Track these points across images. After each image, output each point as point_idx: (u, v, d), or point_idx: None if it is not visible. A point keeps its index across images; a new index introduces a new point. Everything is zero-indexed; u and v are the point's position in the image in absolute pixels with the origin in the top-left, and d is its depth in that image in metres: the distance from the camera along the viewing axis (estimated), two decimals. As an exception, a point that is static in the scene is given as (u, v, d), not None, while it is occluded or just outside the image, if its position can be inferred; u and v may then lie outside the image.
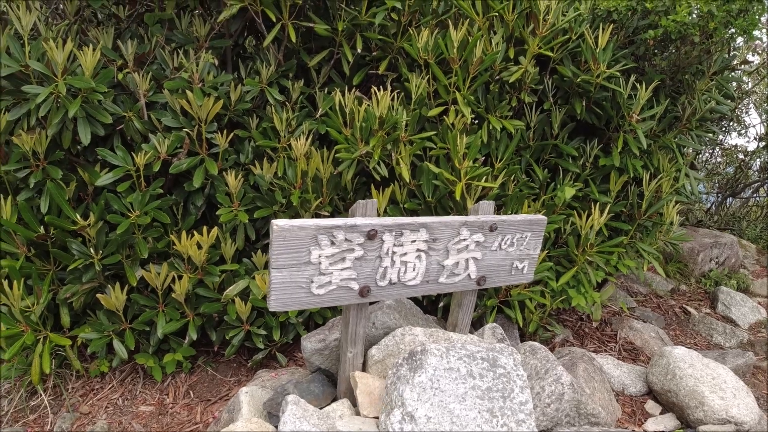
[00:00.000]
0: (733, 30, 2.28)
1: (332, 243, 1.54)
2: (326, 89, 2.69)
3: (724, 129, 5.51)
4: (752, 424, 2.27)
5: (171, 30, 2.73)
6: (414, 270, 1.72)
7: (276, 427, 1.63)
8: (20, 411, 2.43)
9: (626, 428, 2.13)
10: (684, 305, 3.61)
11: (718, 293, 3.72)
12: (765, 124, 5.95)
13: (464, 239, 1.77)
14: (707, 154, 6.49)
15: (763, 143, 5.72)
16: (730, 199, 6.44)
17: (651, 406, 2.45)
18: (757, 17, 2.28)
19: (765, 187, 6.23)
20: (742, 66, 2.92)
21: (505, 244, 1.88)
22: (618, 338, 2.92)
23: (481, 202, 1.84)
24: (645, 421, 2.37)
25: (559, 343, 2.79)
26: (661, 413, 2.41)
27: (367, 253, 1.60)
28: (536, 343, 1.95)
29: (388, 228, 1.61)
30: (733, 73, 3.04)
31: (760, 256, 5.08)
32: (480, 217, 1.79)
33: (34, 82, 2.31)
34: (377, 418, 1.62)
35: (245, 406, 1.80)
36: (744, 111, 6.08)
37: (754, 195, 6.33)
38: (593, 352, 2.79)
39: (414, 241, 1.67)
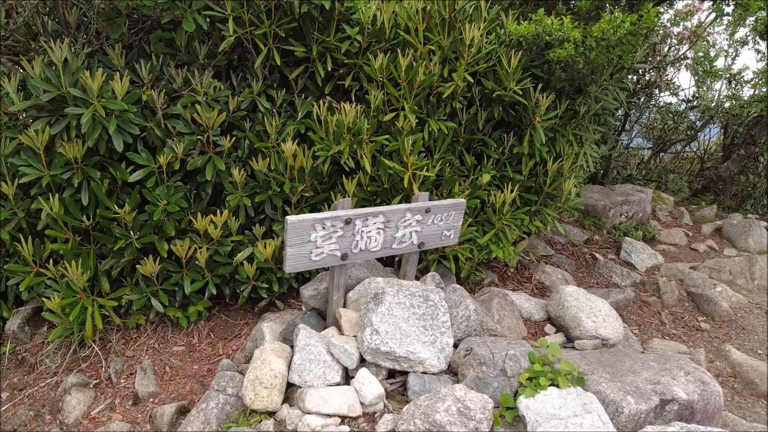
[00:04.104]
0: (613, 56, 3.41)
1: (323, 228, 2.69)
2: (303, 95, 3.74)
3: (651, 94, 6.76)
4: (615, 340, 3.56)
5: (171, 47, 3.70)
6: (376, 241, 2.89)
7: (292, 347, 2.81)
8: (73, 362, 3.52)
9: (519, 340, 3.40)
10: (594, 252, 4.94)
11: (622, 242, 5.06)
12: (693, 87, 7.25)
13: (408, 219, 2.95)
14: (647, 114, 7.80)
15: (689, 105, 7.03)
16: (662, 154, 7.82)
17: (548, 328, 3.74)
18: (632, 46, 3.41)
19: (690, 144, 7.60)
20: (638, 65, 4.10)
21: (437, 220, 3.07)
22: (533, 280, 4.21)
23: (420, 193, 3.00)
24: (542, 337, 3.66)
25: (486, 284, 4.06)
26: (555, 333, 3.71)
27: (345, 233, 2.76)
28: (457, 285, 3.16)
29: (359, 216, 2.77)
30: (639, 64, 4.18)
31: (676, 208, 6.48)
32: (419, 204, 2.96)
33: (71, 104, 3.28)
34: (356, 336, 2.82)
35: (268, 335, 2.98)
36: (677, 74, 7.35)
37: (682, 150, 7.70)
38: (512, 290, 4.06)
39: (375, 223, 2.83)
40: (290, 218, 2.60)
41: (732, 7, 3.23)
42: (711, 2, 3.64)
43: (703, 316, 4.60)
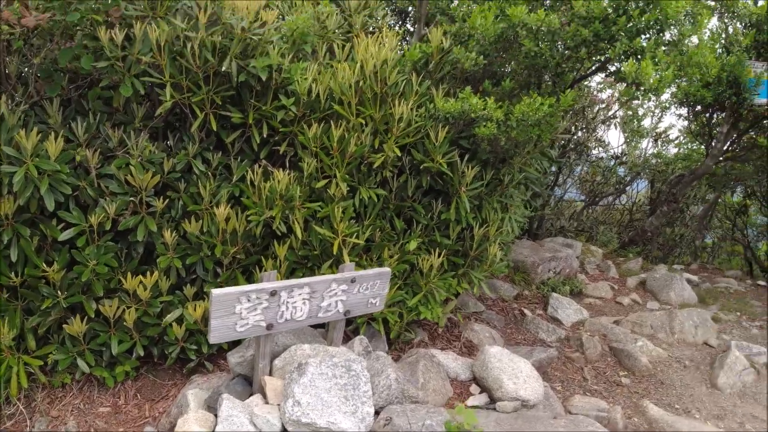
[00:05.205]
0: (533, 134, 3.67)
1: (248, 300, 2.78)
2: (239, 158, 3.85)
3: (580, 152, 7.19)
4: (536, 401, 3.74)
5: (109, 105, 3.76)
6: (301, 311, 3.00)
7: (215, 415, 2.87)
8: (-3, 420, 3.46)
9: (438, 407, 3.55)
10: (522, 308, 5.18)
11: (549, 298, 5.32)
12: (623, 144, 7.74)
13: (334, 289, 3.07)
14: (579, 167, 8.26)
15: (618, 161, 7.50)
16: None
17: (474, 388, 3.90)
18: (551, 125, 3.68)
19: (620, 197, 8.07)
20: (561, 136, 4.40)
21: (363, 289, 3.21)
22: (461, 338, 4.38)
23: (345, 264, 3.14)
24: (467, 398, 3.82)
25: (416, 343, 4.21)
26: (479, 393, 3.87)
27: (270, 304, 2.86)
28: (381, 353, 3.29)
29: (284, 288, 2.88)
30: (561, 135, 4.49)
31: (603, 261, 6.84)
32: (345, 274, 3.10)
33: (5, 162, 3.30)
34: (279, 405, 2.90)
35: (192, 402, 3.02)
36: (607, 131, 7.84)
37: (612, 203, 8.16)
38: (441, 349, 4.21)
39: (300, 294, 2.95)
40: (215, 292, 2.68)
41: (642, 91, 3.55)
42: (622, 85, 3.98)
43: (624, 371, 4.86)
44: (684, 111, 7.07)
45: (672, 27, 3.50)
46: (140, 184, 3.53)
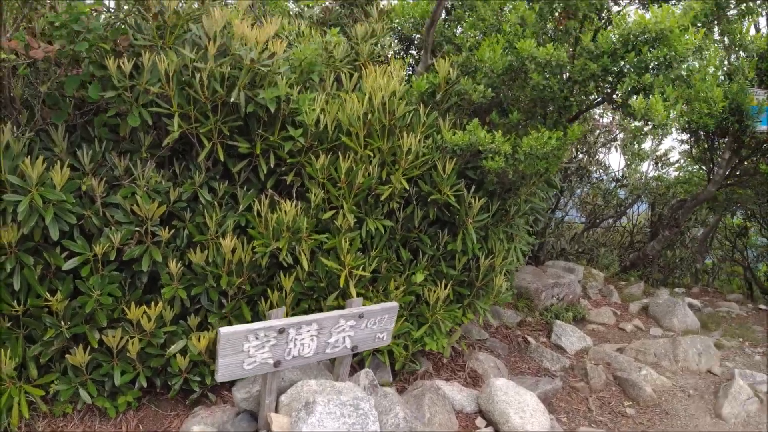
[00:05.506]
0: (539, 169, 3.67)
1: (256, 338, 2.75)
2: (246, 187, 3.84)
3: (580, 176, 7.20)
4: (542, 436, 3.72)
5: (115, 132, 3.75)
6: (309, 348, 2.97)
7: (219, 452, 2.83)
8: (-1, 449, 3.42)
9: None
10: (526, 335, 5.15)
11: (553, 325, 5.30)
12: (623, 166, 7.77)
13: (342, 325, 3.05)
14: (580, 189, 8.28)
15: (619, 183, 7.52)
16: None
17: (480, 421, 3.87)
18: (558, 158, 3.68)
19: (620, 219, 8.08)
20: (568, 163, 4.40)
21: (371, 324, 3.18)
22: (466, 368, 4.35)
23: (353, 299, 3.12)
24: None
25: (421, 374, 4.17)
26: (485, 427, 3.84)
27: (278, 341, 2.83)
28: (388, 390, 3.27)
29: (292, 325, 2.85)
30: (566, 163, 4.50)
31: (605, 285, 6.83)
32: (352, 310, 3.08)
33: (9, 191, 3.27)
34: (284, 443, 2.87)
35: (197, 439, 2.98)
36: (607, 154, 7.86)
37: (612, 226, 8.17)
38: (446, 380, 4.18)
39: (308, 330, 2.92)
40: (223, 330, 2.66)
41: (650, 125, 3.56)
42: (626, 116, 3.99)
43: (629, 401, 4.83)
44: (685, 136, 7.09)
45: (681, 62, 3.51)
46: (146, 214, 3.50)
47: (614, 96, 3.96)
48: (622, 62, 3.56)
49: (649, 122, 3.44)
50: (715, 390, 5.07)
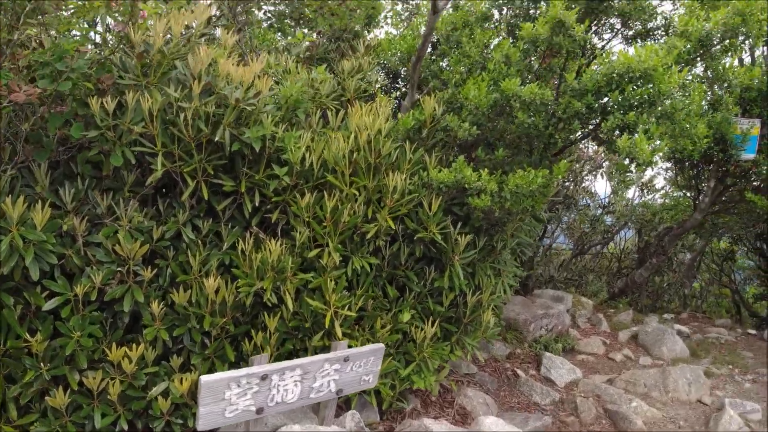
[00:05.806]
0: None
1: (238, 386, 2.70)
2: (230, 224, 3.80)
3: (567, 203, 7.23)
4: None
5: (98, 169, 3.70)
6: (293, 393, 2.92)
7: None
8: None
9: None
10: (516, 368, 5.11)
11: (542, 357, 5.26)
12: (609, 193, 7.81)
13: (327, 369, 3.00)
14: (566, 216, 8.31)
15: (605, 210, 7.55)
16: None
17: (468, 460, 3.82)
18: (544, 196, 3.67)
19: (607, 245, 8.11)
20: (555, 197, 4.40)
21: (356, 366, 3.14)
22: (455, 405, 4.30)
23: (338, 342, 3.07)
24: (461, 473, 3.73)
25: (409, 412, 4.11)
26: (474, 465, 3.78)
27: (261, 388, 2.78)
28: None
29: (275, 371, 2.80)
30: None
31: (594, 313, 6.82)
32: (338, 353, 3.03)
33: (-11, 231, 3.22)
34: (267, 492, 2.80)
35: (177, 490, 2.90)
36: (593, 181, 7.92)
37: (599, 252, 8.19)
38: (434, 418, 4.12)
39: (292, 376, 2.87)
40: (204, 379, 2.60)
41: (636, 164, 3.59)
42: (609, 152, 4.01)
43: (619, 435, 4.78)
44: (670, 164, 7.15)
45: (665, 100, 3.54)
46: (128, 254, 3.45)
47: (599, 133, 3.99)
48: (606, 98, 3.58)
49: (635, 160, 3.45)
50: (706, 420, 5.04)
